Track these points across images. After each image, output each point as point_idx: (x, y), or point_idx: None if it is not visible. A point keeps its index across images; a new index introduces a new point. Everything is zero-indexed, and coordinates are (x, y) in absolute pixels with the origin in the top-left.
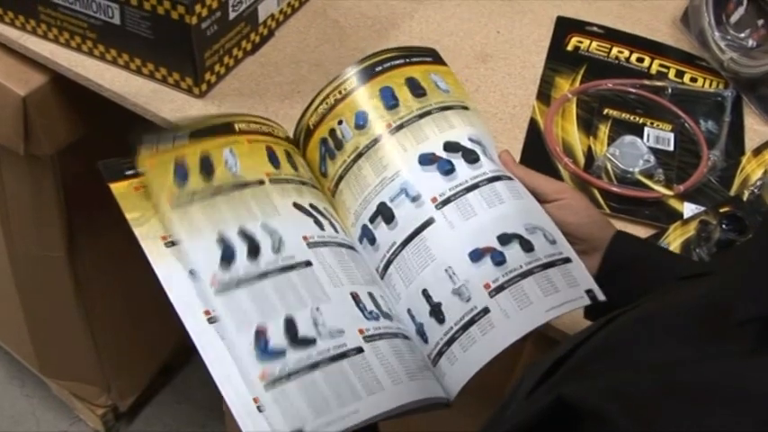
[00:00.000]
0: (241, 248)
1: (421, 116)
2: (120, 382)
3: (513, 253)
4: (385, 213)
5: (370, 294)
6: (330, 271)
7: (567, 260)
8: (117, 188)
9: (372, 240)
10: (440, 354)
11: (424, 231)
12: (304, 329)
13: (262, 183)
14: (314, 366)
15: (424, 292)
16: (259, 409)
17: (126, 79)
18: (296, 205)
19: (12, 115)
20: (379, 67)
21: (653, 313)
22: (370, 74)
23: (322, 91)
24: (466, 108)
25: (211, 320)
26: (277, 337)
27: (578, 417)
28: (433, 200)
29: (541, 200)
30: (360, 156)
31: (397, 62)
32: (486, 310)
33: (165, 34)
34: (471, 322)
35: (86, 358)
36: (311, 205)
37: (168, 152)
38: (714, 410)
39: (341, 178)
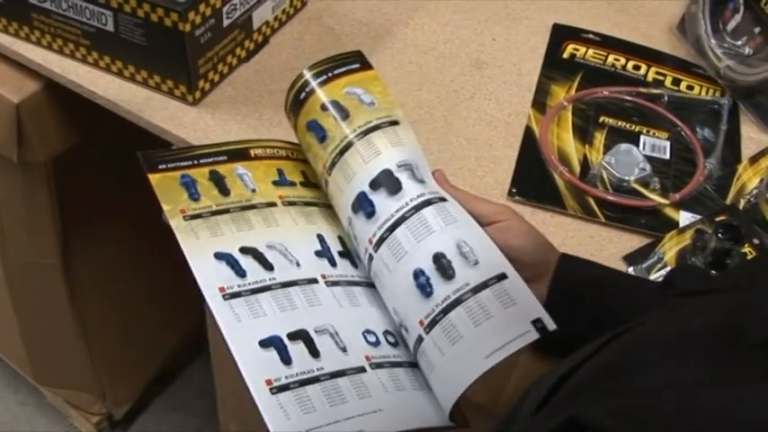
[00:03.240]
0: (250, 263)
1: (345, 149)
2: (115, 390)
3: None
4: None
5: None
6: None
7: (504, 286)
8: (154, 178)
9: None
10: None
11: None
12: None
13: (274, 204)
14: (315, 380)
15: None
16: (271, 391)
17: (119, 86)
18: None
19: (5, 122)
20: (302, 94)
21: (661, 332)
22: (297, 106)
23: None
24: (395, 123)
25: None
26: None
27: None
28: (370, 241)
29: (480, 223)
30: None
31: (318, 80)
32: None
33: (159, 41)
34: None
35: (81, 366)
36: (319, 236)
37: (182, 171)
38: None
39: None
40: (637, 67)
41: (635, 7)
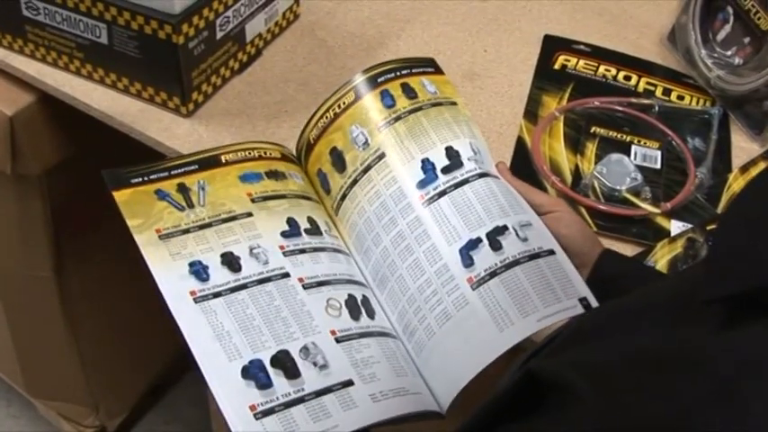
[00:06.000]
0: (217, 265)
1: (413, 111)
2: (108, 402)
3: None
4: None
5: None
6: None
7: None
8: (120, 195)
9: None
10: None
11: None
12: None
13: (250, 214)
14: (299, 401)
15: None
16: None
17: (113, 99)
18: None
19: None
20: (381, 78)
21: (625, 302)
22: (371, 85)
23: (322, 105)
24: (454, 104)
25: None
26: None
27: (546, 389)
28: (421, 197)
29: (536, 212)
30: (368, 168)
31: (398, 73)
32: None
33: (153, 54)
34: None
35: (74, 378)
36: (289, 219)
37: (156, 185)
38: (673, 378)
39: (345, 195)
40: (627, 78)
41: (625, 18)
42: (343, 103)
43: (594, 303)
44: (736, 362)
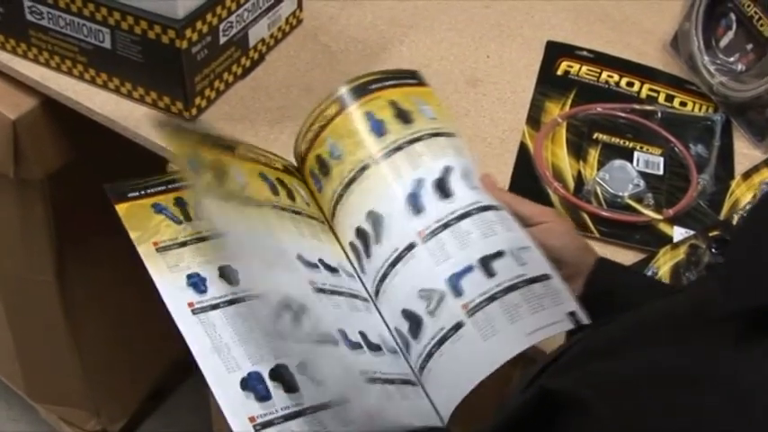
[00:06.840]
0: (215, 278)
1: (412, 141)
2: (110, 407)
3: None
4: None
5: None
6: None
7: (548, 277)
8: (121, 208)
9: (362, 268)
10: (421, 368)
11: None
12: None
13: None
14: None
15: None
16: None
17: (116, 103)
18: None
19: (2, 139)
20: (366, 89)
21: (639, 317)
22: (355, 96)
23: (308, 117)
24: (452, 135)
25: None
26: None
27: (559, 407)
28: (420, 233)
29: (525, 223)
30: (351, 182)
31: (381, 84)
32: (459, 327)
33: (156, 58)
34: (443, 340)
35: (75, 382)
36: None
37: (153, 199)
38: (686, 393)
39: (336, 205)
40: (630, 84)
41: (628, 25)
42: (328, 115)
43: (584, 319)
44: (751, 377)
